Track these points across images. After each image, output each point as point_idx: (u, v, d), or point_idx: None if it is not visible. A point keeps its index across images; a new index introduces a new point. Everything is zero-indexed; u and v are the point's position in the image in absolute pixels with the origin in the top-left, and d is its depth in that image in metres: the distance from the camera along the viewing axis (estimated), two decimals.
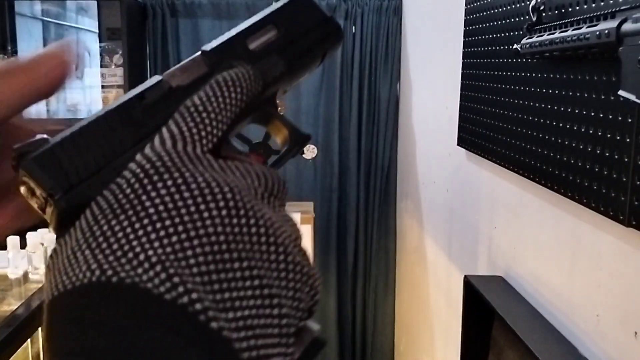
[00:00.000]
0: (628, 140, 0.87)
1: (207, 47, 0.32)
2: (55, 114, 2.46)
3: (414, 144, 2.46)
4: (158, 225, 0.25)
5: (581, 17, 0.96)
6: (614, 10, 0.86)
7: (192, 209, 0.26)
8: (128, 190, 0.26)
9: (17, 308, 1.54)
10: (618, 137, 0.90)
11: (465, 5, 1.61)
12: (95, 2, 2.57)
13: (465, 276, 1.41)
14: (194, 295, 0.24)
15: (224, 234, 0.26)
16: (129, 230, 0.25)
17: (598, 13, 0.91)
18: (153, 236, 0.25)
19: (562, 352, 1.06)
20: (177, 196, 0.26)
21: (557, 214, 1.16)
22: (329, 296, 2.77)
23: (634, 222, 0.87)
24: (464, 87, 1.65)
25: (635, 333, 0.90)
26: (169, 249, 0.25)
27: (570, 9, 1.03)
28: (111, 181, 0.27)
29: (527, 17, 1.15)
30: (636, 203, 0.86)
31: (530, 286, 1.28)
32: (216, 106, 0.29)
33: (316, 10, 0.36)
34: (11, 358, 1.43)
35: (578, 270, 1.08)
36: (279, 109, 0.35)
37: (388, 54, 2.66)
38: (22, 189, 0.28)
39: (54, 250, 0.27)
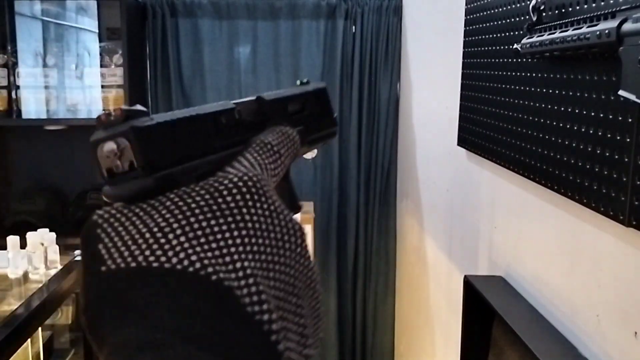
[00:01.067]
0: (628, 140, 0.87)
1: (265, 95, 0.39)
2: (55, 114, 2.46)
3: (414, 144, 2.46)
4: (253, 240, 0.29)
5: (581, 17, 0.96)
6: (614, 10, 0.86)
7: (279, 236, 0.30)
8: (229, 199, 0.30)
9: (17, 308, 1.54)
10: (618, 137, 0.90)
11: (465, 5, 1.61)
12: (95, 2, 2.56)
13: (465, 276, 1.41)
14: (263, 297, 0.28)
15: (295, 262, 0.31)
16: (227, 235, 0.29)
17: (598, 13, 0.91)
18: (248, 249, 0.29)
19: (562, 352, 1.06)
20: (269, 220, 0.30)
21: (557, 214, 1.16)
22: (329, 296, 2.76)
23: (634, 222, 0.87)
24: (464, 87, 1.65)
25: (635, 333, 0.90)
26: (258, 265, 0.29)
27: (570, 9, 1.03)
28: (195, 174, 0.31)
29: (527, 17, 1.15)
30: (636, 203, 0.86)
31: (531, 286, 1.28)
32: (285, 151, 0.35)
33: (330, 106, 0.46)
34: (11, 358, 1.43)
35: (578, 270, 1.08)
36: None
37: (388, 54, 2.66)
38: (108, 147, 0.29)
39: (117, 216, 0.28)
